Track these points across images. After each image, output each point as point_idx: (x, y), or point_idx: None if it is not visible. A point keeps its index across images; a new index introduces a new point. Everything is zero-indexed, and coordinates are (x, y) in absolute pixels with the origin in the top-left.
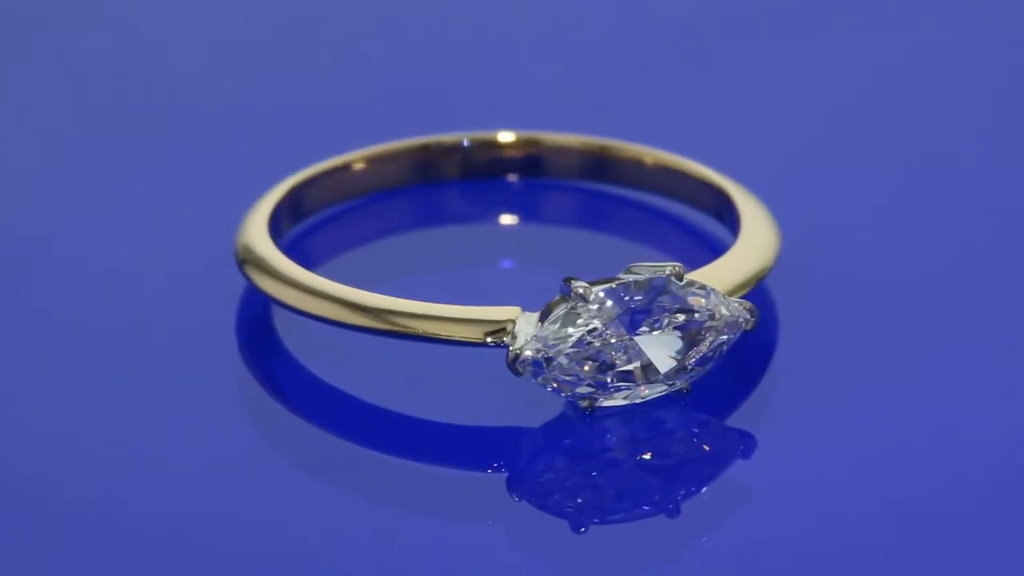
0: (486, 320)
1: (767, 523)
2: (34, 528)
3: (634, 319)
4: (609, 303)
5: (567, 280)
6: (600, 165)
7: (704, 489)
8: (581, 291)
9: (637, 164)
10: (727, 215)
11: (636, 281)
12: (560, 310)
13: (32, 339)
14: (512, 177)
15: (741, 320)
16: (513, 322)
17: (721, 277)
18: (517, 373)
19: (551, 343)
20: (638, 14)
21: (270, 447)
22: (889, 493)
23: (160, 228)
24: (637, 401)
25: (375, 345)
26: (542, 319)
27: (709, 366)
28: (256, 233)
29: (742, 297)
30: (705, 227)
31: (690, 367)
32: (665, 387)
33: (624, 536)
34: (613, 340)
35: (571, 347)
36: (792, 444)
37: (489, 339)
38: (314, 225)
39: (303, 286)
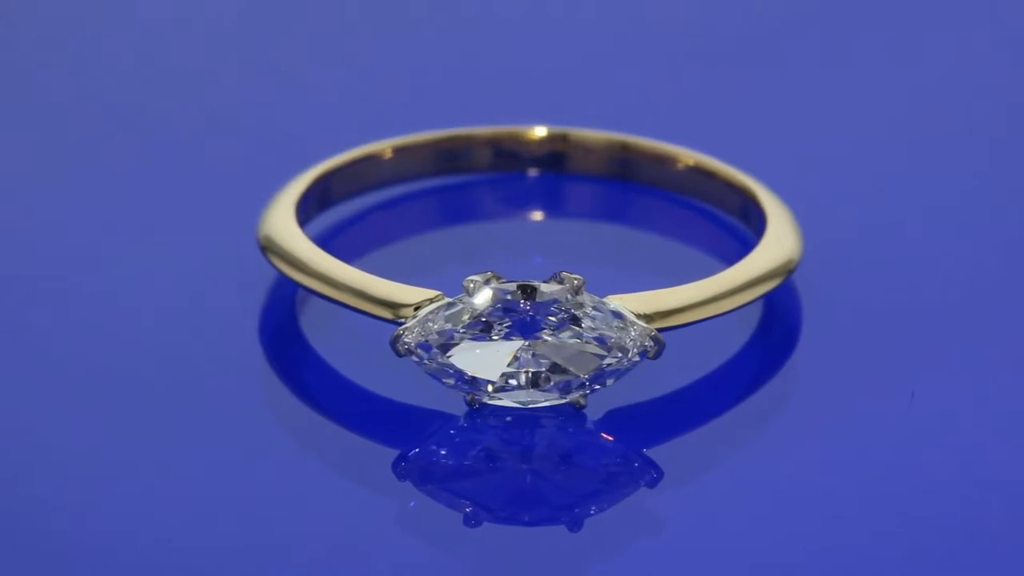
0: (400, 303)
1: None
2: (45, 531)
3: (523, 324)
4: (496, 304)
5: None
6: (625, 162)
7: (609, 509)
8: (471, 287)
9: (663, 162)
10: (752, 216)
11: (531, 287)
12: (452, 303)
13: (53, 340)
14: (536, 172)
15: (643, 346)
16: (431, 301)
17: (747, 272)
18: (397, 354)
19: (432, 332)
20: (669, 13)
21: (294, 444)
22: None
23: (180, 223)
24: (528, 407)
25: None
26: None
27: (606, 384)
28: (281, 218)
29: (767, 295)
30: (733, 224)
31: (582, 383)
32: (556, 397)
33: (518, 540)
34: (496, 341)
35: (448, 339)
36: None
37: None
38: (341, 223)
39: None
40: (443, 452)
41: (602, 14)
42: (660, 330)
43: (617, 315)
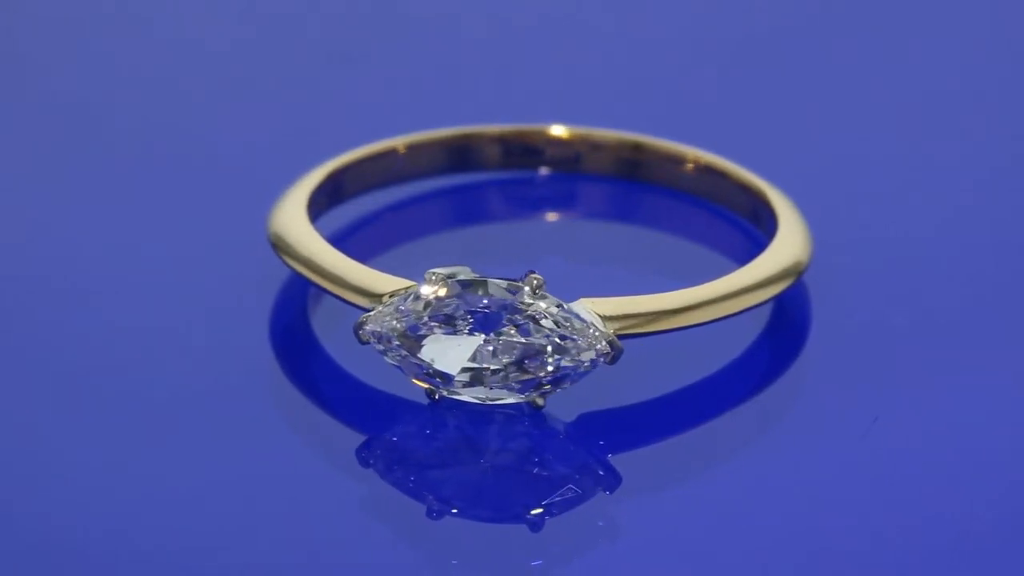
0: (373, 291)
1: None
2: (49, 530)
3: (483, 320)
4: (453, 298)
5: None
6: (636, 162)
7: (572, 511)
8: (433, 279)
9: (674, 163)
10: (763, 218)
11: (490, 283)
12: (417, 295)
13: (63, 339)
14: (548, 171)
15: (600, 349)
16: (404, 291)
17: (757, 272)
18: (360, 341)
19: (390, 321)
20: (681, 13)
21: (300, 442)
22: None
23: (191, 219)
24: (487, 403)
25: None
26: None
27: (565, 386)
28: (289, 211)
29: (778, 295)
30: (745, 224)
31: (539, 382)
32: (514, 396)
33: (478, 536)
34: (456, 336)
35: (406, 330)
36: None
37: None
38: (357, 222)
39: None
40: (412, 442)
41: (614, 13)
42: (635, 336)
43: (579, 318)
